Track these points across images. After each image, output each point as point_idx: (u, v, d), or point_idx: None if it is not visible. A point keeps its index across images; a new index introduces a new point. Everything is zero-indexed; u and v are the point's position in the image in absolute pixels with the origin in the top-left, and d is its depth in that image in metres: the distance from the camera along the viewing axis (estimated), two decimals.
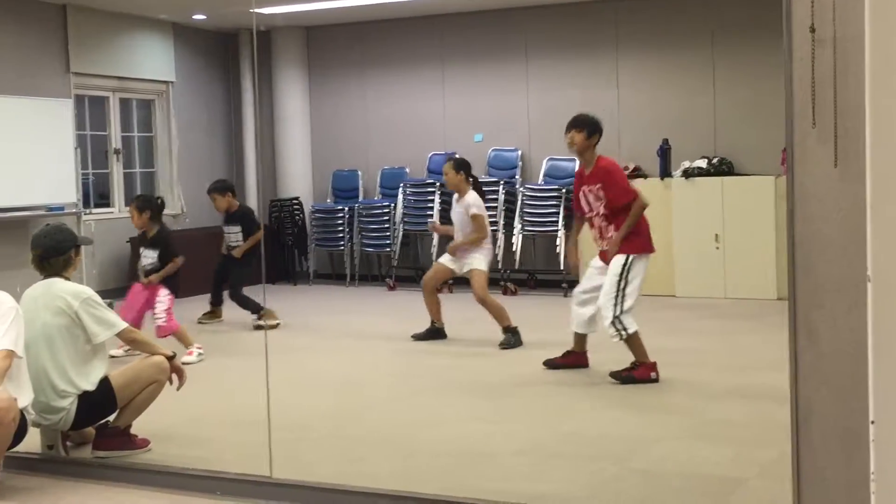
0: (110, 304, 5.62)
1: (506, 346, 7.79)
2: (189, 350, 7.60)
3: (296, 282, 12.18)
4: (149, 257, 8.06)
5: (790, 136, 3.37)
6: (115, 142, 11.80)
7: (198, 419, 5.96)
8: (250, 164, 12.91)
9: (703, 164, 10.34)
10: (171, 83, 12.29)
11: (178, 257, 8.07)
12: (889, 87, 3.02)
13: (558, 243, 10.86)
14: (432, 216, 11.49)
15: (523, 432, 5.64)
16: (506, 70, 11.72)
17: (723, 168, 10.33)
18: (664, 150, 10.44)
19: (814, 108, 3.30)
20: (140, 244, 8.25)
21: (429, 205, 11.60)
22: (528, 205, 11.16)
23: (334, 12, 11.79)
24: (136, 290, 8.02)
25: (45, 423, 5.03)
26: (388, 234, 11.86)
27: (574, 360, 6.96)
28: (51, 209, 10.31)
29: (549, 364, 6.99)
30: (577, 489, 4.61)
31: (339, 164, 12.63)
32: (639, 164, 10.68)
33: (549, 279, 10.96)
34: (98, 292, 5.24)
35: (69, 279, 5.18)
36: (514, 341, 7.83)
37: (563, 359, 6.98)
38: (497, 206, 11.23)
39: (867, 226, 3.22)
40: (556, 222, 10.87)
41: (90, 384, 5.04)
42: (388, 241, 11.86)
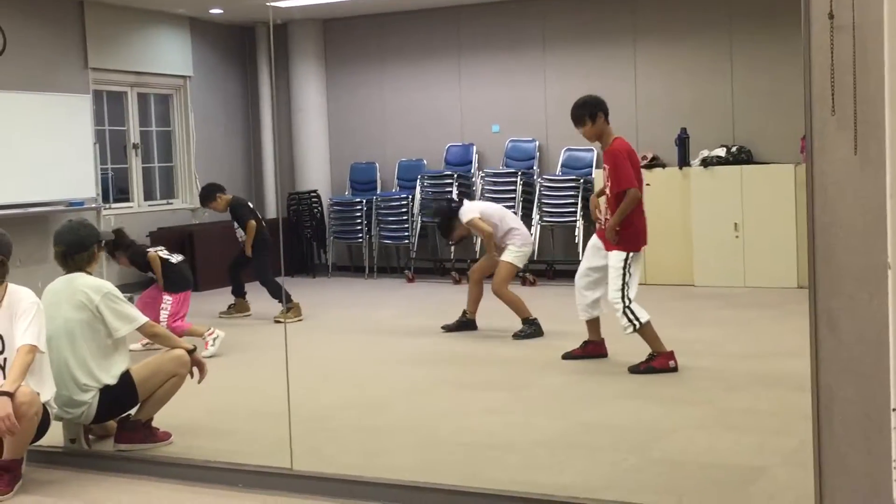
0: (130, 299, 5.65)
1: (520, 336, 7.79)
2: (206, 342, 7.60)
3: (315, 274, 12.20)
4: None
5: (809, 123, 3.35)
6: (134, 137, 11.84)
7: (219, 412, 5.99)
8: (268, 157, 12.94)
9: (721, 152, 10.30)
10: (189, 78, 12.32)
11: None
12: None
13: (577, 234, 10.85)
14: None
15: (543, 423, 5.64)
16: (523, 60, 11.69)
17: (742, 156, 10.29)
18: (682, 139, 10.40)
19: (833, 95, 3.29)
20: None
21: (446, 196, 11.58)
22: (545, 195, 11.14)
23: (351, 4, 11.79)
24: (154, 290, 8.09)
25: (68, 416, 5.06)
26: (406, 226, 11.86)
27: (592, 349, 6.95)
28: (71, 204, 10.36)
29: (567, 356, 6.98)
30: (596, 480, 4.61)
31: (357, 156, 12.65)
32: (657, 154, 10.64)
33: (568, 269, 10.91)
34: (118, 287, 5.27)
35: (91, 274, 5.21)
36: (532, 332, 7.82)
37: (581, 350, 6.97)
38: (515, 197, 11.23)
39: (888, 213, 3.21)
40: (575, 213, 10.85)
41: (112, 378, 5.06)
42: (406, 233, 11.87)
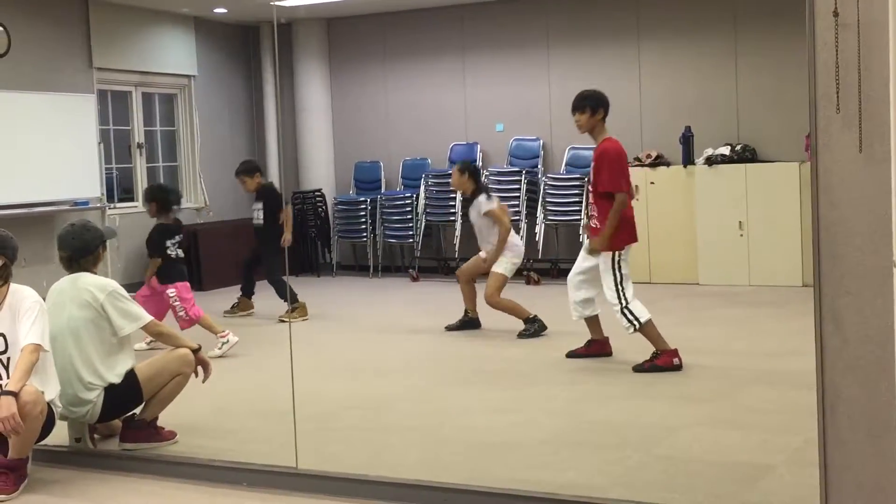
0: (135, 298, 5.65)
1: (525, 335, 7.79)
2: (217, 343, 7.62)
3: (319, 274, 12.20)
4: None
5: (814, 121, 3.35)
6: (138, 136, 11.85)
7: (224, 410, 5.99)
8: (272, 156, 12.94)
9: (726, 151, 10.29)
10: (193, 77, 12.32)
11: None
12: None
13: (581, 232, 10.84)
14: (454, 207, 11.51)
15: (547, 421, 5.64)
16: (527, 59, 11.69)
17: (746, 155, 10.28)
18: (687, 138, 10.39)
19: (838, 93, 3.28)
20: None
21: (451, 195, 11.59)
22: (550, 194, 11.14)
23: (355, 4, 11.79)
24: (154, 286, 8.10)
25: (73, 415, 5.07)
26: (410, 225, 11.86)
27: (597, 348, 6.95)
28: (76, 204, 10.37)
29: (571, 355, 6.98)
30: (601, 478, 4.61)
31: (361, 155, 12.65)
32: (661, 152, 10.63)
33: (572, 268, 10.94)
34: (123, 286, 5.28)
35: (95, 273, 5.22)
36: (535, 329, 7.81)
37: (585, 349, 6.98)
38: (519, 196, 11.23)
39: (892, 211, 3.21)
40: (579, 211, 10.84)
41: (116, 377, 5.07)
42: (410, 232, 11.87)
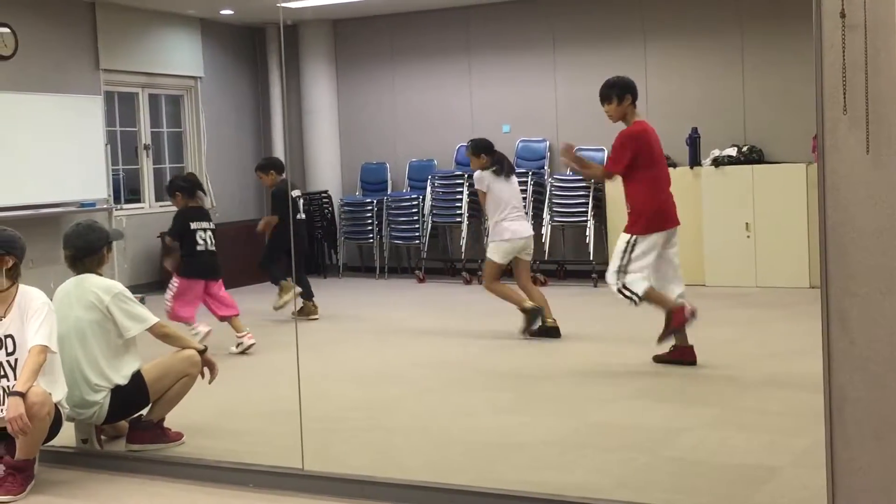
0: (142, 300, 5.66)
1: (530, 333, 7.66)
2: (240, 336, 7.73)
3: (326, 275, 12.20)
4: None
5: (821, 122, 3.35)
6: (145, 138, 11.86)
7: (230, 412, 5.99)
8: (279, 157, 12.94)
9: (732, 152, 10.28)
10: (200, 78, 12.34)
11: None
12: None
13: (588, 234, 10.84)
14: (460, 208, 11.51)
15: (553, 423, 5.64)
16: (533, 60, 11.68)
17: (753, 156, 10.26)
18: (693, 139, 10.38)
19: (845, 94, 3.28)
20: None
21: (457, 196, 11.59)
22: (556, 195, 11.13)
23: (361, 5, 11.80)
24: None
25: (79, 417, 5.08)
26: (416, 226, 11.86)
27: (678, 354, 6.63)
28: (82, 205, 10.39)
29: (658, 359, 6.67)
30: (607, 479, 4.60)
31: (368, 156, 12.65)
32: (668, 153, 10.57)
33: (579, 269, 10.92)
34: (129, 287, 5.29)
35: (101, 275, 5.22)
36: (540, 326, 7.68)
37: (668, 354, 6.67)
38: (526, 197, 11.22)
39: None
40: (586, 213, 10.84)
41: (123, 378, 5.08)
42: (416, 234, 11.87)
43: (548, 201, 11.16)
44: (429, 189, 11.85)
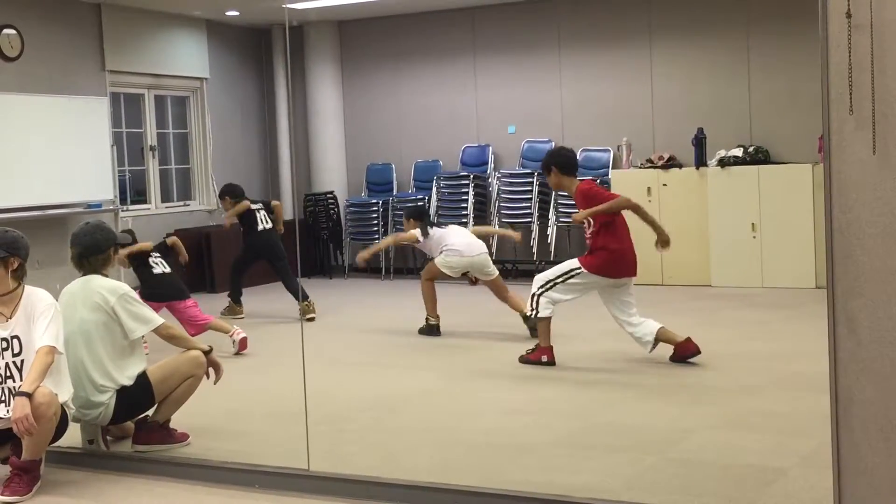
0: None
1: (421, 331, 8.19)
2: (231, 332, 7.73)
3: (331, 275, 12.21)
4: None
5: (827, 123, 3.34)
6: (151, 139, 11.88)
7: (236, 412, 6.00)
8: (284, 159, 12.96)
9: (738, 152, 10.26)
10: (206, 80, 12.35)
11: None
12: None
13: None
14: (466, 209, 11.51)
15: (559, 424, 5.63)
16: (538, 61, 11.68)
17: (759, 156, 10.25)
18: (699, 139, 10.37)
19: (851, 94, 3.27)
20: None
21: (463, 197, 11.59)
22: (562, 196, 11.10)
23: (366, 6, 11.80)
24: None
25: (85, 417, 5.08)
26: None
27: (681, 350, 6.71)
28: (89, 206, 10.40)
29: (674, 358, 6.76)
30: (614, 480, 4.59)
31: (373, 157, 12.66)
32: (674, 154, 10.61)
33: None
34: (135, 288, 5.29)
35: (107, 276, 5.23)
36: (429, 331, 8.17)
37: (675, 355, 6.74)
38: (531, 198, 11.22)
39: None
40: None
41: (128, 379, 5.08)
42: None
43: (553, 202, 11.15)
44: (434, 190, 11.85)
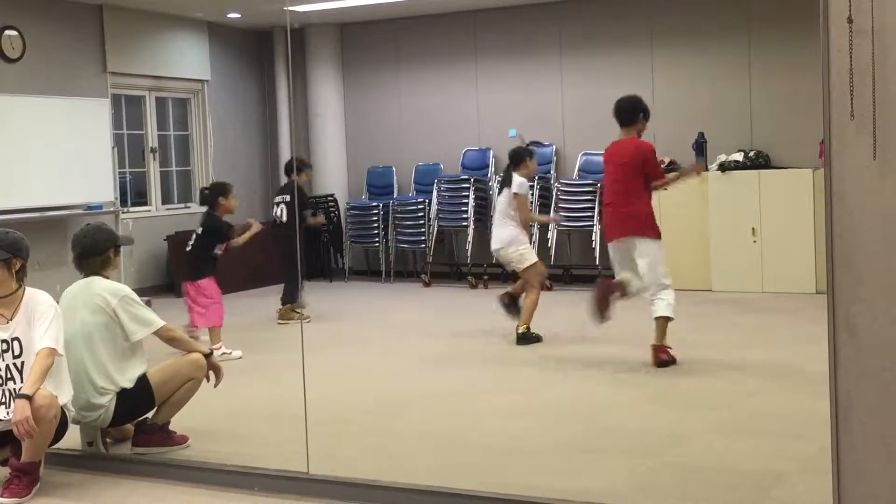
0: (148, 302, 5.66)
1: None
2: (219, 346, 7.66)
3: (331, 278, 12.22)
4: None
5: (828, 128, 3.34)
6: (152, 140, 11.89)
7: (236, 415, 6.00)
8: (285, 161, 12.93)
9: (739, 157, 10.27)
10: (207, 81, 12.37)
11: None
12: None
13: (594, 238, 10.83)
14: (466, 212, 11.52)
15: (560, 428, 5.63)
16: (540, 65, 11.69)
17: (759, 161, 10.26)
18: (700, 144, 10.38)
19: (852, 99, 3.27)
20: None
21: (463, 201, 11.59)
22: (562, 200, 11.13)
23: (368, 9, 11.81)
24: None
25: (85, 419, 5.08)
26: (422, 230, 11.87)
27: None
28: (89, 208, 10.41)
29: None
30: (614, 484, 4.59)
31: (374, 160, 12.66)
32: (675, 158, 10.61)
33: (585, 274, 10.91)
34: (135, 290, 5.29)
35: (108, 278, 5.23)
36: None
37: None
38: (532, 202, 11.22)
39: None
40: (592, 217, 10.83)
41: (128, 381, 5.08)
42: (422, 238, 11.87)
43: (554, 206, 11.15)
44: (435, 193, 11.86)
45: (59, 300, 5.02)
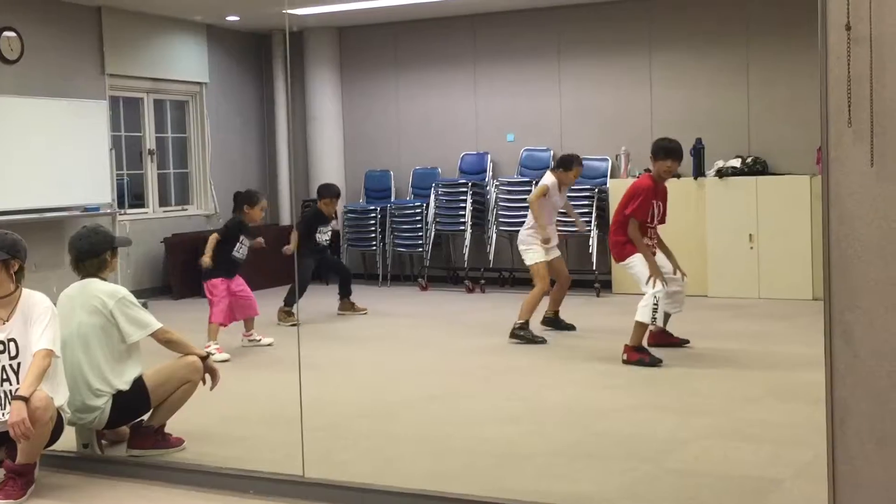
0: (145, 305, 5.65)
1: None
2: (209, 345, 7.67)
3: (328, 282, 12.19)
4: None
5: (825, 135, 3.35)
6: (150, 143, 11.88)
7: (231, 418, 5.99)
8: (283, 164, 12.97)
9: (736, 163, 10.28)
10: (205, 84, 12.36)
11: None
12: None
13: (591, 244, 10.84)
14: (464, 216, 11.51)
15: (557, 432, 5.63)
16: (538, 69, 11.69)
17: (757, 167, 10.26)
18: (698, 150, 10.37)
19: (850, 106, 3.28)
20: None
21: (461, 205, 11.60)
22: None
23: (366, 13, 11.82)
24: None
25: (81, 421, 5.07)
26: (420, 234, 11.86)
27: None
28: (87, 210, 10.40)
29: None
30: (611, 489, 4.60)
31: (372, 164, 12.66)
32: None
33: (582, 279, 10.91)
34: (133, 292, 5.28)
35: (105, 280, 5.22)
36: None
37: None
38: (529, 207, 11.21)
39: None
40: (589, 223, 10.83)
41: (124, 384, 5.07)
42: (420, 242, 11.87)
43: None
44: (432, 197, 11.85)
45: (56, 302, 5.01)
